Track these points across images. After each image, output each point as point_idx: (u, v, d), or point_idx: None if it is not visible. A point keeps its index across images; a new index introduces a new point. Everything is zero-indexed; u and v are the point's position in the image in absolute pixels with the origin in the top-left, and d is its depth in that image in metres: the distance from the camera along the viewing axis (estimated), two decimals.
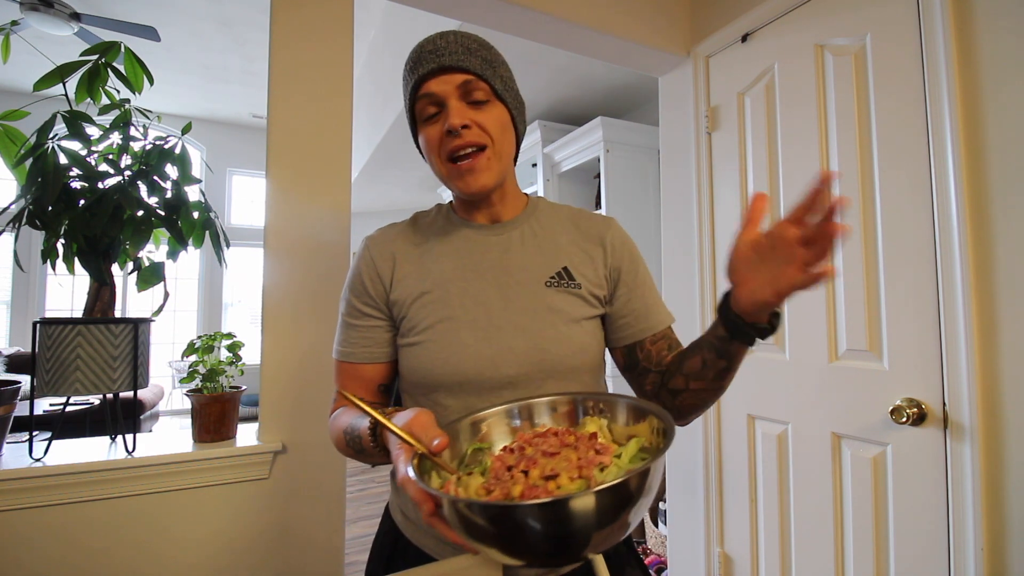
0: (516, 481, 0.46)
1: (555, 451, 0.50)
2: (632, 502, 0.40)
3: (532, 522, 0.38)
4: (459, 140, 0.68)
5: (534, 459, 0.49)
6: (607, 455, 0.49)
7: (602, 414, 0.59)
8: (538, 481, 0.46)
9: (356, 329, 0.75)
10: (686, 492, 1.80)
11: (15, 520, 1.00)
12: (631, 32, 1.70)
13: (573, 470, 0.46)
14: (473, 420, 0.60)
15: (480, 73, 0.68)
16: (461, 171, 0.69)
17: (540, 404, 0.62)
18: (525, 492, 0.45)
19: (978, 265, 1.09)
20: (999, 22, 1.08)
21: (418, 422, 0.53)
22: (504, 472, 0.49)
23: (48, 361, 1.05)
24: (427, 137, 0.71)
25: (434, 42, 0.69)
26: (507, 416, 0.61)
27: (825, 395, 1.38)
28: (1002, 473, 1.05)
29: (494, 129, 0.69)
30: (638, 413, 0.56)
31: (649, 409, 0.55)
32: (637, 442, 0.52)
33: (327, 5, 1.30)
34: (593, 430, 0.55)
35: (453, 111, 0.67)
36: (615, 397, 0.59)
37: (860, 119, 1.32)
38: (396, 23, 3.24)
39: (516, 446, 0.54)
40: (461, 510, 0.41)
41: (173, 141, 1.24)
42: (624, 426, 0.57)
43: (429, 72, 0.68)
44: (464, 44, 0.69)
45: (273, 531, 1.20)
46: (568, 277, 0.74)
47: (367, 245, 0.77)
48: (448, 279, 0.72)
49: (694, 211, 1.79)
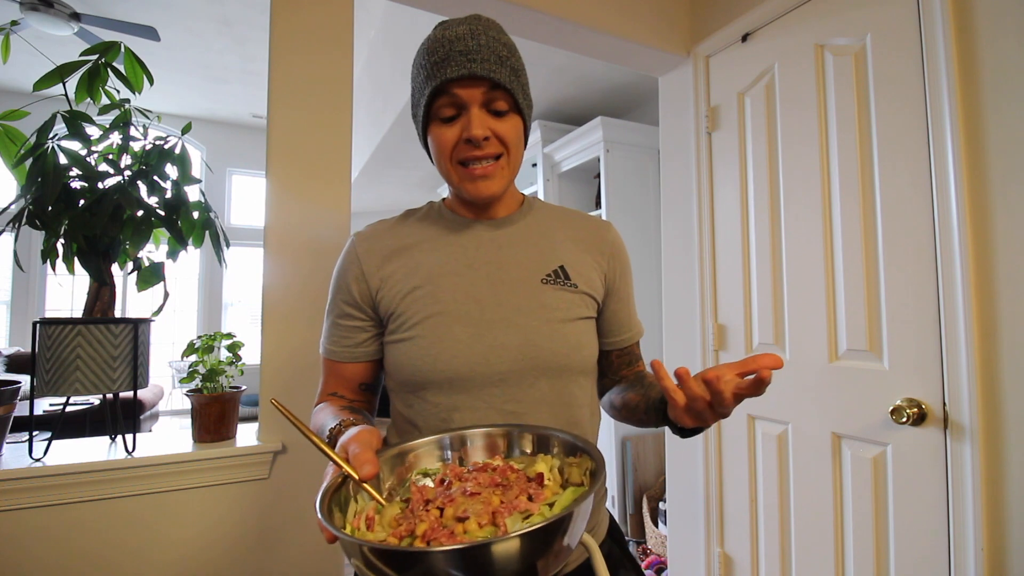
0: (425, 519, 0.44)
1: (478, 491, 0.47)
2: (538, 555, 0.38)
3: (411, 569, 0.36)
4: (477, 151, 0.66)
5: (452, 497, 0.46)
6: (536, 504, 0.46)
7: (547, 450, 0.56)
8: (449, 522, 0.44)
9: (339, 328, 0.74)
10: (686, 492, 1.80)
11: (15, 520, 1.00)
12: (631, 32, 1.70)
13: (485, 516, 0.44)
14: (401, 450, 0.57)
15: (508, 86, 0.66)
16: (474, 176, 0.68)
17: (476, 435, 0.59)
18: (428, 532, 0.43)
19: (978, 265, 1.09)
20: (999, 22, 1.08)
21: (357, 440, 0.51)
22: (421, 506, 0.47)
23: (48, 361, 1.05)
24: (441, 137, 0.68)
25: (465, 41, 0.65)
26: (439, 447, 0.58)
27: (825, 395, 1.38)
28: (1002, 473, 1.05)
29: (511, 139, 0.68)
30: (571, 450, 0.54)
31: (582, 447, 0.52)
32: (573, 492, 0.49)
33: (327, 6, 1.30)
34: (541, 470, 0.52)
35: (475, 121, 0.65)
36: (551, 431, 0.57)
37: (860, 119, 1.32)
38: (396, 23, 3.24)
39: (448, 478, 0.52)
40: (345, 544, 0.39)
41: (173, 141, 1.24)
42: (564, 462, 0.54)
43: (458, 77, 0.64)
44: (496, 51, 0.66)
45: (273, 531, 1.20)
46: (564, 276, 0.73)
47: (354, 242, 0.75)
48: (440, 273, 0.70)
49: (694, 211, 1.79)
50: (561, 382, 0.70)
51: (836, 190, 1.37)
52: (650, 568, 2.20)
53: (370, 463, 0.48)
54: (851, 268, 1.32)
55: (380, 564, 0.37)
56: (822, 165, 1.40)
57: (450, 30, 0.66)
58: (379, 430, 0.55)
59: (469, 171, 0.68)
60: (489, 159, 0.68)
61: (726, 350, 1.67)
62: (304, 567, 1.22)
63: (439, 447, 0.58)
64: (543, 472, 0.52)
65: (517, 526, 0.43)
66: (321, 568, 1.24)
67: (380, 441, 0.54)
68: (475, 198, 0.70)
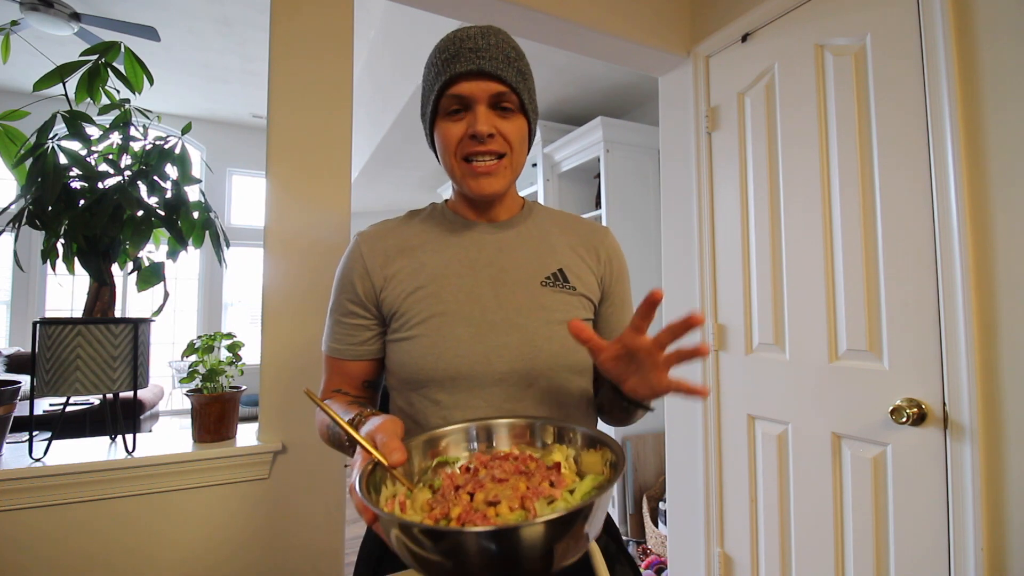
0: (458, 503, 0.47)
1: (505, 477, 0.49)
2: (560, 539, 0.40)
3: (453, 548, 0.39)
4: (482, 147, 0.68)
5: (482, 483, 0.49)
6: (559, 489, 0.49)
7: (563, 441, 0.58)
8: (480, 506, 0.46)
9: (342, 326, 0.75)
10: (686, 492, 1.80)
11: (14, 520, 1.00)
12: (631, 32, 1.70)
13: (515, 500, 0.46)
14: (430, 437, 0.59)
15: (515, 86, 0.68)
16: (477, 173, 0.69)
17: (500, 425, 0.61)
18: (462, 515, 0.45)
19: (978, 265, 1.09)
20: (999, 22, 1.08)
21: (383, 430, 0.53)
22: (452, 491, 0.49)
23: (48, 361, 1.05)
24: (446, 133, 0.70)
25: (475, 40, 0.67)
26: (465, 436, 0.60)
27: (825, 395, 1.38)
28: (1002, 473, 1.05)
29: (515, 139, 0.70)
30: (592, 443, 0.55)
31: (603, 440, 0.54)
32: (592, 479, 0.51)
33: (327, 6, 1.30)
34: (558, 459, 0.54)
35: (481, 117, 0.67)
36: (572, 425, 0.58)
37: (860, 119, 1.32)
38: (396, 23, 3.24)
39: (473, 466, 0.54)
40: (386, 524, 0.42)
41: (173, 141, 1.24)
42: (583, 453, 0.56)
43: (467, 72, 0.67)
44: (504, 52, 0.68)
45: (273, 531, 1.20)
46: (563, 279, 0.75)
47: (358, 241, 0.76)
48: (442, 274, 0.72)
49: (694, 211, 1.79)
50: (559, 382, 0.71)
51: (836, 190, 1.37)
52: (650, 568, 2.20)
53: (399, 450, 0.50)
54: (851, 268, 1.32)
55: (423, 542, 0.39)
56: (822, 165, 1.40)
57: (462, 31, 0.69)
58: (400, 420, 0.56)
59: (472, 167, 0.69)
60: (492, 156, 0.69)
61: (726, 350, 1.68)
62: (304, 567, 1.22)
63: (465, 437, 0.60)
64: (559, 461, 0.54)
65: (545, 510, 0.46)
66: (321, 568, 1.24)
67: (403, 430, 0.55)
68: (476, 195, 0.71)
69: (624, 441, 2.62)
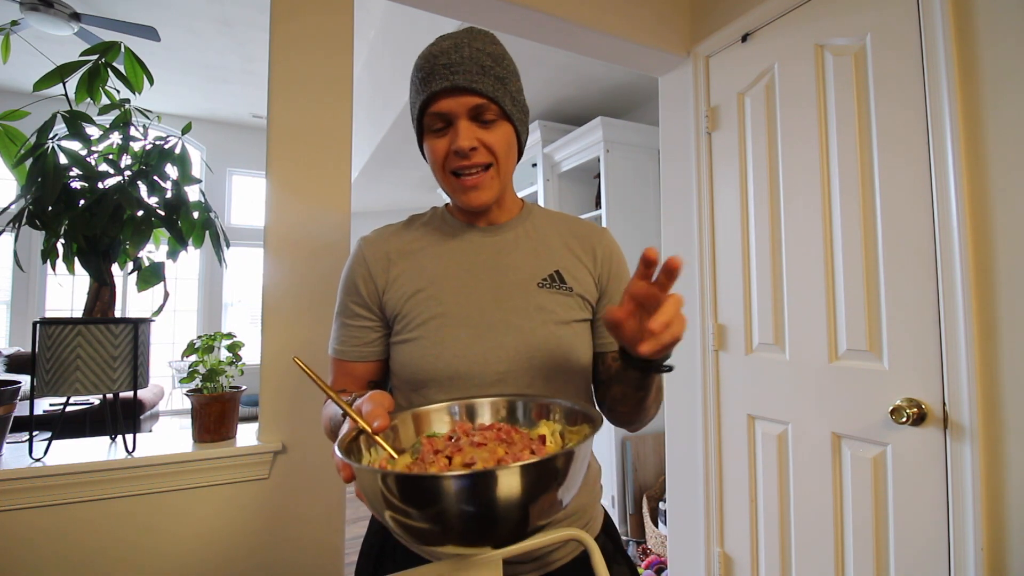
0: (436, 463, 0.48)
1: (483, 443, 0.51)
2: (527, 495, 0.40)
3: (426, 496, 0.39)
4: (465, 161, 0.69)
5: (460, 447, 0.50)
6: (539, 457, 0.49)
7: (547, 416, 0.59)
8: (457, 468, 0.47)
9: (348, 328, 0.77)
10: (686, 492, 1.80)
11: (15, 520, 1.00)
12: (631, 32, 1.70)
13: (492, 462, 0.47)
14: (416, 413, 0.60)
15: (492, 96, 0.68)
16: (465, 187, 0.71)
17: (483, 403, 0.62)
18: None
19: (978, 265, 1.09)
20: (999, 22, 1.08)
21: (370, 399, 0.54)
22: (431, 455, 0.50)
23: (48, 361, 1.05)
24: (433, 149, 0.71)
25: (448, 55, 0.68)
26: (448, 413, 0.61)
27: (825, 395, 1.38)
28: (1002, 473, 1.05)
29: (500, 148, 0.71)
30: (571, 416, 0.56)
31: (581, 410, 0.55)
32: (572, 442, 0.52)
33: (327, 6, 1.30)
34: (543, 433, 0.55)
35: (462, 133, 0.68)
36: (552, 400, 0.59)
37: (860, 119, 1.32)
38: (396, 23, 3.24)
39: (456, 435, 0.55)
40: (361, 476, 0.43)
41: (173, 141, 1.24)
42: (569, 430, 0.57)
43: (441, 90, 0.67)
44: (478, 61, 0.68)
45: (273, 531, 1.20)
46: (560, 280, 0.76)
47: (361, 245, 0.78)
48: (442, 277, 0.74)
49: (694, 211, 1.79)
50: (556, 381, 0.72)
51: (836, 190, 1.37)
52: (650, 568, 2.20)
53: (381, 417, 0.51)
54: (851, 268, 1.32)
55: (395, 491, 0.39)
56: (822, 165, 1.40)
57: (436, 46, 0.70)
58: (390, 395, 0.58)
59: (460, 182, 0.71)
60: (478, 169, 0.70)
61: (726, 350, 1.68)
62: (304, 567, 1.22)
63: (448, 413, 0.61)
64: (545, 434, 0.55)
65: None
66: (321, 568, 1.24)
67: (392, 403, 0.56)
68: (467, 207, 0.73)
69: (624, 441, 2.62)
